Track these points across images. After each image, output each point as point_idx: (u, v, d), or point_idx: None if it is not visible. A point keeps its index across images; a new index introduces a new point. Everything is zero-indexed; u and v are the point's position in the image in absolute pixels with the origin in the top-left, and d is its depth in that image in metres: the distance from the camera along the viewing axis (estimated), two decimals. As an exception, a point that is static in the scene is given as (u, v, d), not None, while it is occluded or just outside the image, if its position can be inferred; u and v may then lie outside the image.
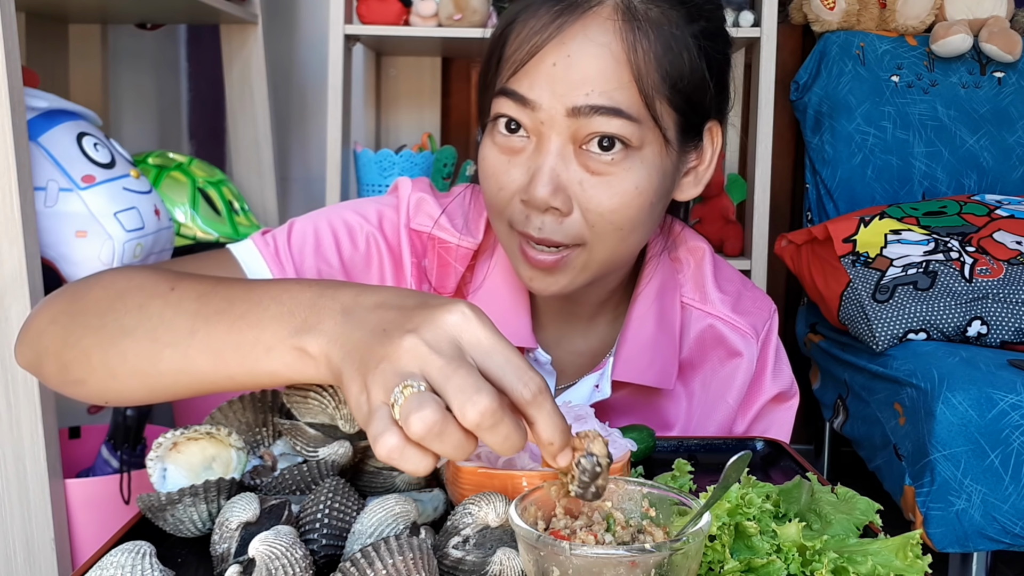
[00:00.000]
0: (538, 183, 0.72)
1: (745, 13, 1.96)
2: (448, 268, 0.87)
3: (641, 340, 0.86)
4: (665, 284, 0.89)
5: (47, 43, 1.89)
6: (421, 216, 0.88)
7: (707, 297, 0.90)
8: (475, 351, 0.49)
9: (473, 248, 0.88)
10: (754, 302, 0.93)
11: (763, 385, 0.91)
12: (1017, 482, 1.50)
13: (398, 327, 0.49)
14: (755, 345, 0.90)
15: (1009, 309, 1.75)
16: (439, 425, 0.45)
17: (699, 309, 0.90)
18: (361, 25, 2.01)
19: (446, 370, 0.46)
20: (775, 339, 0.93)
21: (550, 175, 0.72)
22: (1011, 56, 2.18)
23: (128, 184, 1.33)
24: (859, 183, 2.25)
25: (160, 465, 0.66)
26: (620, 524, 0.52)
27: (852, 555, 0.55)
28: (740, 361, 0.90)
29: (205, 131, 2.48)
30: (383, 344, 0.49)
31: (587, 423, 0.66)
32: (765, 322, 0.92)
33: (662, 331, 0.87)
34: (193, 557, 0.61)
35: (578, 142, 0.73)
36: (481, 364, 0.48)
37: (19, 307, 1.14)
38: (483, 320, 0.50)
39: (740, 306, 0.91)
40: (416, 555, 0.51)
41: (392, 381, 0.47)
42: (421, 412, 0.45)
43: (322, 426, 0.67)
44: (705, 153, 0.82)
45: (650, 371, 0.86)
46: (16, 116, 1.13)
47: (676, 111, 0.75)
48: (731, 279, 0.94)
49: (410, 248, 0.87)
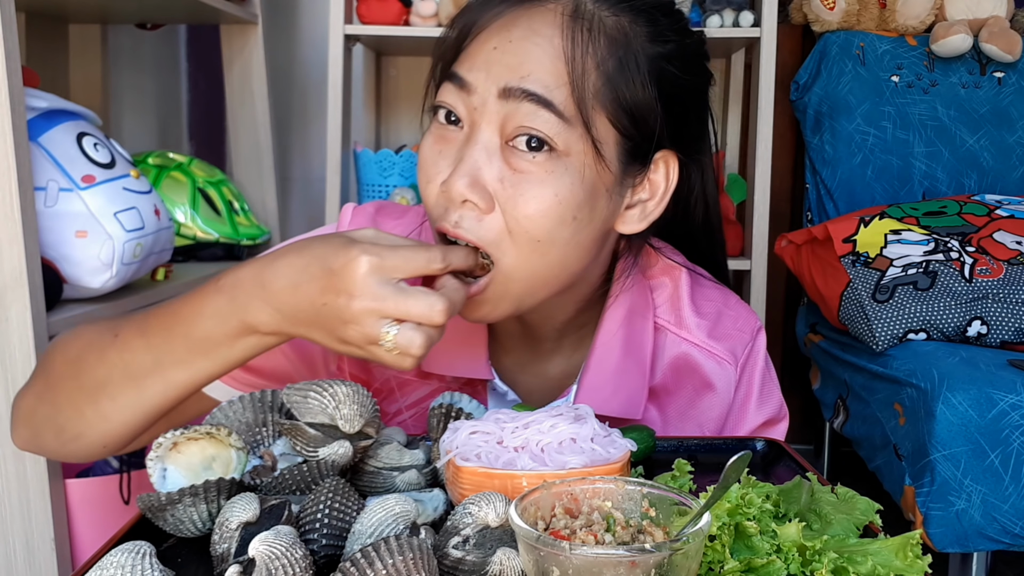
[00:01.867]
0: (456, 174, 0.70)
1: (745, 13, 1.96)
2: None
3: (606, 368, 0.83)
4: (636, 307, 0.86)
5: (47, 43, 1.89)
6: None
7: (683, 321, 0.87)
8: (394, 274, 0.64)
9: None
10: (735, 322, 0.88)
11: (747, 414, 0.88)
12: (1017, 482, 1.50)
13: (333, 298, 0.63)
14: (733, 371, 0.86)
15: (1009, 309, 1.75)
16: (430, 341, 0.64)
17: (674, 333, 0.87)
18: (361, 25, 2.01)
19: (400, 308, 0.63)
20: (760, 362, 0.88)
21: (470, 167, 0.70)
22: (1011, 56, 2.18)
23: (128, 184, 1.33)
24: (859, 183, 2.25)
25: (160, 465, 0.66)
26: (620, 524, 0.52)
27: (852, 555, 0.55)
28: (715, 394, 0.86)
29: (205, 131, 2.48)
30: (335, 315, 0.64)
31: (587, 423, 0.66)
32: (746, 345, 0.87)
33: (629, 358, 0.84)
34: (193, 557, 0.61)
35: (506, 136, 0.71)
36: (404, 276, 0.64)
37: (19, 307, 1.14)
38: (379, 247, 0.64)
39: (718, 330, 0.87)
40: (416, 555, 0.51)
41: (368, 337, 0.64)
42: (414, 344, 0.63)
43: (322, 426, 0.67)
44: (656, 186, 0.78)
45: (615, 400, 0.83)
46: (16, 116, 1.13)
47: (617, 128, 0.73)
48: (711, 299, 0.89)
49: None
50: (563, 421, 0.65)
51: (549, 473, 0.60)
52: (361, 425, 0.67)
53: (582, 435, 0.64)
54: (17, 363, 1.15)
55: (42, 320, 1.17)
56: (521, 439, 0.64)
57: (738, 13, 1.96)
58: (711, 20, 1.97)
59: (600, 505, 0.54)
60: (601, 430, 0.65)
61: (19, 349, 1.15)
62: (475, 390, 0.86)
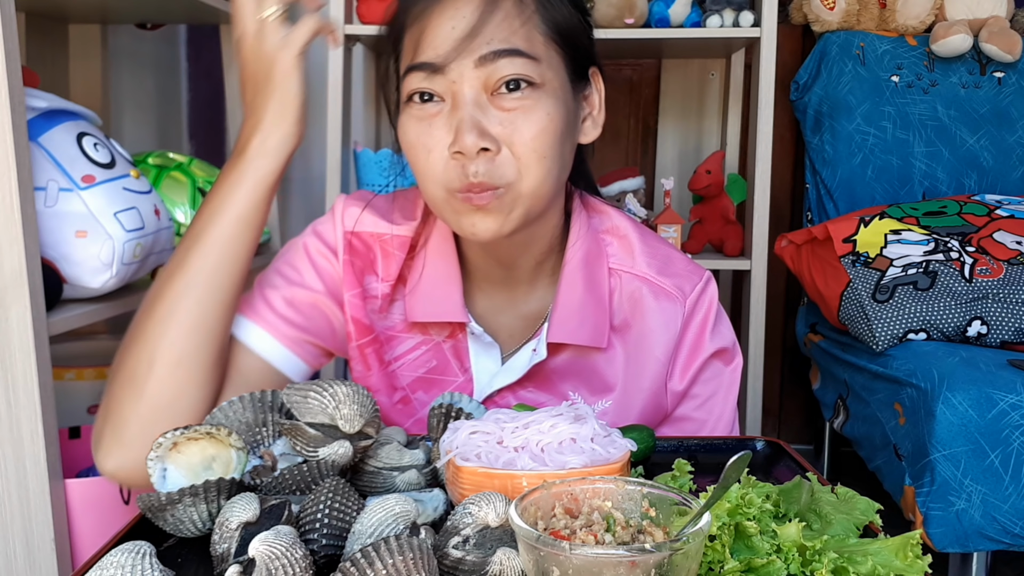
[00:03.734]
0: (464, 132, 0.78)
1: (745, 13, 1.96)
2: (390, 258, 0.96)
3: (572, 303, 0.92)
4: (591, 253, 0.95)
5: (47, 43, 1.89)
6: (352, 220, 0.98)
7: (634, 261, 0.96)
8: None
9: (408, 235, 0.96)
10: (684, 267, 0.98)
11: (702, 343, 0.96)
12: (1017, 482, 1.50)
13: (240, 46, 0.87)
14: (680, 305, 0.95)
15: (1009, 309, 1.75)
16: None
17: (627, 272, 0.96)
18: (361, 25, 2.01)
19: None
20: (712, 302, 0.97)
21: (472, 122, 0.79)
22: (1011, 56, 2.18)
23: (128, 184, 1.33)
24: (859, 183, 2.25)
25: (160, 465, 0.66)
26: (620, 524, 0.52)
27: (852, 555, 0.55)
28: (665, 322, 0.95)
29: (205, 131, 2.48)
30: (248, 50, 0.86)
31: (587, 423, 0.66)
32: (695, 285, 0.97)
33: (591, 294, 0.94)
34: (193, 557, 0.61)
35: (489, 89, 0.80)
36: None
37: (19, 307, 1.14)
38: None
39: (667, 270, 0.97)
40: (416, 555, 0.51)
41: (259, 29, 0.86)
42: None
43: (322, 426, 0.67)
44: (593, 97, 0.91)
45: (583, 331, 0.92)
46: (16, 116, 1.13)
47: (562, 54, 0.84)
48: (659, 246, 0.99)
49: (345, 247, 0.96)
50: (563, 421, 0.65)
51: (549, 473, 0.60)
52: (361, 425, 0.67)
53: (582, 435, 0.64)
54: (17, 363, 1.15)
55: (42, 320, 1.17)
56: (521, 439, 0.64)
57: (738, 13, 1.96)
58: (711, 20, 1.97)
59: (600, 505, 0.54)
60: (601, 430, 0.65)
61: (19, 349, 1.15)
62: (456, 341, 0.95)
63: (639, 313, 0.96)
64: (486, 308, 0.97)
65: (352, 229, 0.97)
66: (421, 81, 0.81)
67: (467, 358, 0.94)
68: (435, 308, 0.92)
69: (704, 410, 0.97)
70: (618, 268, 0.96)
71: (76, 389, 1.66)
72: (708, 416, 0.97)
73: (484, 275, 0.96)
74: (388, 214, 0.98)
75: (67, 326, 1.23)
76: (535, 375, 0.93)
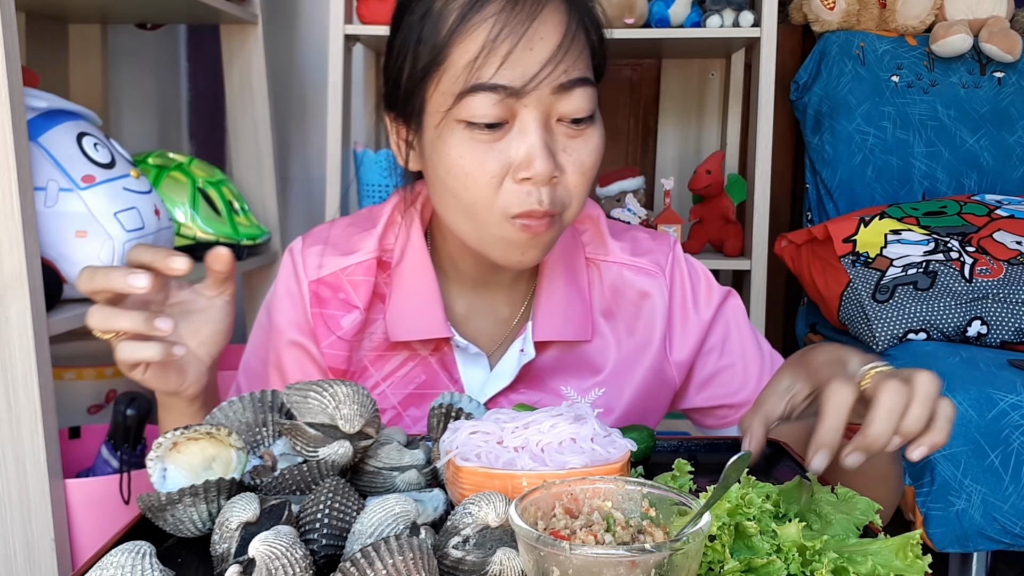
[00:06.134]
0: (539, 158, 0.77)
1: (745, 13, 1.96)
2: (359, 286, 0.94)
3: (554, 299, 0.93)
4: (567, 247, 0.96)
5: (47, 43, 1.89)
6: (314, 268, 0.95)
7: (608, 249, 0.97)
8: None
9: (373, 255, 0.94)
10: (651, 241, 1.00)
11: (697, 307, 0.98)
12: (1017, 482, 1.50)
13: None
14: (662, 279, 0.97)
15: (1009, 309, 1.75)
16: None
17: (604, 260, 0.97)
18: (361, 25, 2.01)
19: None
20: (683, 264, 0.99)
21: (545, 150, 0.77)
22: (1011, 56, 2.18)
23: (128, 184, 1.33)
24: (859, 183, 2.25)
25: (160, 465, 0.66)
26: (620, 524, 0.52)
27: (852, 555, 0.55)
28: (652, 300, 0.96)
29: (205, 131, 2.48)
30: None
31: (587, 423, 0.66)
32: (666, 255, 0.98)
33: (572, 288, 0.95)
34: (193, 557, 0.61)
35: (557, 115, 0.79)
36: None
37: (19, 307, 1.14)
38: None
39: (638, 248, 0.98)
40: (416, 555, 0.51)
41: None
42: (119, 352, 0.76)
43: (322, 426, 0.67)
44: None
45: (568, 327, 0.93)
46: (16, 116, 1.13)
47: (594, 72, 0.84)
48: (624, 229, 1.02)
49: (312, 299, 0.94)
50: (563, 421, 0.65)
51: (549, 473, 0.60)
52: (361, 425, 0.67)
53: (582, 435, 0.64)
54: (17, 363, 1.15)
55: (42, 320, 1.17)
56: (521, 439, 0.64)
57: (738, 13, 1.96)
58: (711, 20, 1.97)
59: (600, 505, 0.54)
60: (601, 430, 0.65)
61: (19, 349, 1.15)
62: (442, 354, 0.94)
63: (623, 298, 0.96)
64: (465, 314, 0.96)
65: (315, 278, 0.94)
66: (492, 105, 0.76)
67: (455, 369, 0.94)
68: (417, 325, 0.91)
69: (727, 356, 0.98)
70: (594, 258, 0.97)
71: (76, 389, 1.66)
72: (733, 359, 0.98)
73: (464, 281, 0.95)
74: (346, 242, 0.96)
75: (67, 326, 1.23)
76: (525, 376, 0.93)
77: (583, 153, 0.80)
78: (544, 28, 0.77)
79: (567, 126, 0.79)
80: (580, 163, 0.80)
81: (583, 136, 0.80)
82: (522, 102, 0.77)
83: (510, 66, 0.76)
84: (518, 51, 0.76)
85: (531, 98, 0.77)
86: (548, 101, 0.77)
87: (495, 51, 0.75)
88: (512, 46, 0.75)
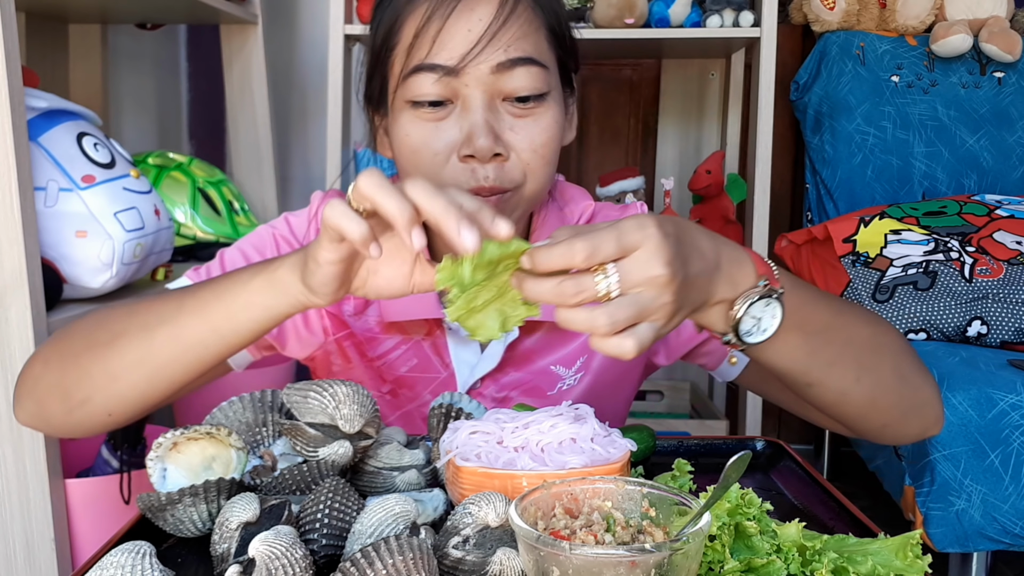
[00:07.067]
0: (479, 135, 0.78)
1: (745, 13, 1.96)
2: None
3: None
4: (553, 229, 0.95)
5: (47, 43, 1.89)
6: None
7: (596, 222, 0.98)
8: None
9: None
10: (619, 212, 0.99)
11: None
12: (1017, 482, 1.50)
13: None
14: None
15: (1009, 309, 1.75)
16: None
17: None
18: (361, 25, 2.01)
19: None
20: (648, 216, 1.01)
21: (487, 127, 0.79)
22: (1011, 56, 2.18)
23: (128, 184, 1.33)
24: (859, 183, 2.25)
25: (160, 465, 0.66)
26: (620, 524, 0.52)
27: (852, 555, 0.55)
28: None
29: (205, 131, 2.48)
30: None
31: (587, 423, 0.66)
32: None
33: None
34: (193, 557, 0.61)
35: (501, 95, 0.80)
36: None
37: (19, 307, 1.14)
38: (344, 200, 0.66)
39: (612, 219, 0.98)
40: (416, 555, 0.51)
41: None
42: None
43: (322, 426, 0.67)
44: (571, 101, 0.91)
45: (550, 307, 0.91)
46: (16, 116, 1.13)
47: (557, 57, 0.85)
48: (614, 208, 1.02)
49: None
50: (563, 421, 0.65)
51: (549, 473, 0.60)
52: (361, 425, 0.67)
53: (582, 435, 0.64)
54: (17, 363, 1.15)
55: (42, 320, 1.17)
56: (521, 439, 0.64)
57: (738, 13, 1.96)
58: (711, 20, 1.97)
59: (600, 505, 0.54)
60: (601, 430, 0.65)
61: (19, 349, 1.15)
62: (434, 338, 0.94)
63: None
64: None
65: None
66: (432, 84, 0.79)
67: (447, 353, 0.94)
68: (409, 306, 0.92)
69: None
70: None
71: (76, 389, 1.65)
72: None
73: None
74: None
75: (67, 326, 1.23)
76: (513, 357, 0.93)
77: (533, 131, 0.81)
78: (483, 9, 0.79)
79: (512, 105, 0.81)
80: (530, 140, 0.81)
81: (532, 115, 0.81)
82: (462, 81, 0.79)
83: (446, 46, 0.79)
84: (453, 30, 0.78)
85: (471, 77, 0.79)
86: (489, 80, 0.79)
87: (429, 31, 0.79)
88: (442, 25, 0.78)
